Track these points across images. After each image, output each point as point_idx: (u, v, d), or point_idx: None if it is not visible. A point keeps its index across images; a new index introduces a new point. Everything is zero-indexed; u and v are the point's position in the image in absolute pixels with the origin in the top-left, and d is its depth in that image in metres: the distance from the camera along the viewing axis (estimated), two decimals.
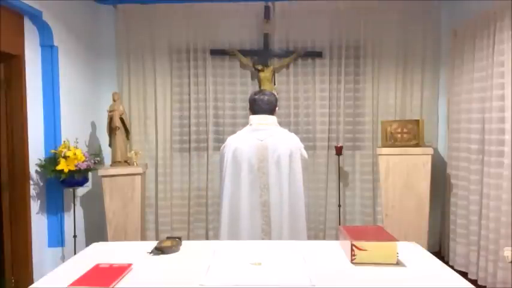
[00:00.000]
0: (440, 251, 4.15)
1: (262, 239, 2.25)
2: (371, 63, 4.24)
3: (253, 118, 2.39)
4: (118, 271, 1.43)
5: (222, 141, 4.33)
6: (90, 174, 3.48)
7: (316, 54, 4.24)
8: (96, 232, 3.91)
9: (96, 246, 1.85)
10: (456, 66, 3.86)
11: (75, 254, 2.50)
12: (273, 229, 2.28)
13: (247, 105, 2.48)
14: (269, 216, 2.29)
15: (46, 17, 3.20)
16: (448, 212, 3.94)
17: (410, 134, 3.81)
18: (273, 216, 2.29)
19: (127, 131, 3.75)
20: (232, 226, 2.29)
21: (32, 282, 2.61)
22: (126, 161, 3.69)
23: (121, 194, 3.51)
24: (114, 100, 3.65)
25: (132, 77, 4.28)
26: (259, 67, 4.17)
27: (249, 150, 2.30)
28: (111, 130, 3.64)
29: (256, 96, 2.42)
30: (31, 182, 3.12)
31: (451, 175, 3.88)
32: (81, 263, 1.53)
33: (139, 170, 3.60)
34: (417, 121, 3.84)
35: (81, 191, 3.67)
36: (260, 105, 2.40)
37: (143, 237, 3.79)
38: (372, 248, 1.51)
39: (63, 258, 3.32)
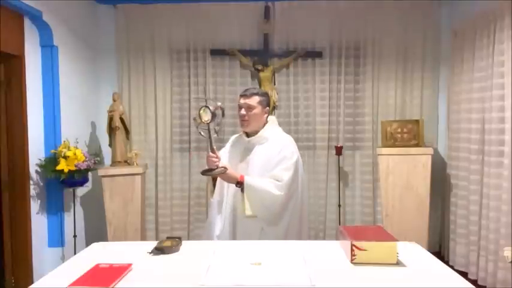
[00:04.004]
0: (440, 251, 4.15)
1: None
2: (371, 63, 4.24)
3: (275, 120, 2.48)
4: (118, 271, 1.43)
5: (222, 141, 4.37)
6: (90, 174, 3.48)
7: (316, 54, 4.24)
8: (96, 232, 3.90)
9: (96, 246, 1.85)
10: (456, 66, 3.86)
11: (75, 254, 2.51)
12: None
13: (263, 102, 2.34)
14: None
15: (46, 17, 3.19)
16: (448, 212, 3.94)
17: (410, 134, 3.81)
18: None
19: (127, 131, 3.75)
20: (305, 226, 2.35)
21: (32, 282, 2.62)
22: (126, 161, 3.69)
23: (121, 194, 3.52)
24: (114, 100, 3.66)
25: (132, 77, 4.27)
26: (259, 67, 4.16)
27: None
28: (111, 130, 3.64)
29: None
30: (31, 182, 3.12)
31: (451, 175, 3.88)
32: (81, 263, 1.54)
33: (140, 170, 3.60)
34: (417, 121, 3.84)
35: (81, 191, 3.67)
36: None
37: (143, 237, 3.78)
38: (372, 248, 1.51)
39: (63, 258, 3.32)
